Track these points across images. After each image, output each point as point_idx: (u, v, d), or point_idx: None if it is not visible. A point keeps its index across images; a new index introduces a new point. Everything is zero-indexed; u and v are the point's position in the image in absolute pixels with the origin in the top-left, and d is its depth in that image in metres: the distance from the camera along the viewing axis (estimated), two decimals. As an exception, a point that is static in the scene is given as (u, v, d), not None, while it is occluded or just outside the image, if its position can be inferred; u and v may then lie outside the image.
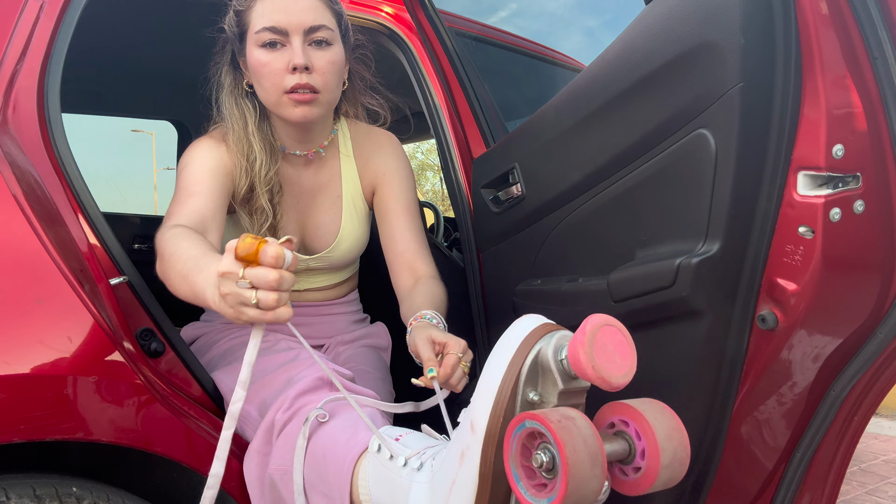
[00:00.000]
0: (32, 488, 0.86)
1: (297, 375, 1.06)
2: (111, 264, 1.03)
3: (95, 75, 2.21)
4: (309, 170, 1.30)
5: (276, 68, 1.11)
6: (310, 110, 1.14)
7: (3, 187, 0.89)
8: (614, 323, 0.69)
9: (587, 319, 0.68)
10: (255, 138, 1.19)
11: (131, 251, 2.87)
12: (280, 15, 1.10)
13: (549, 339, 0.72)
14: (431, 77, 1.57)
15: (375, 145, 1.34)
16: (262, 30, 1.10)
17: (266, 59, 1.11)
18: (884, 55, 0.80)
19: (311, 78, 1.12)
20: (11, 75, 1.02)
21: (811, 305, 0.85)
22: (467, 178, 1.50)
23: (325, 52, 1.13)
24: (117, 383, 0.91)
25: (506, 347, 0.72)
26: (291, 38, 1.11)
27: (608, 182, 1.07)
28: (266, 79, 1.12)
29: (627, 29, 1.02)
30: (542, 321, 0.74)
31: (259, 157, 1.18)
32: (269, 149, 1.20)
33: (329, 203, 1.31)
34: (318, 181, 1.31)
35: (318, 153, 1.29)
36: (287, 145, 1.25)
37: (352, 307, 1.46)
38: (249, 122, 1.20)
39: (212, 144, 1.20)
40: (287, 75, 1.11)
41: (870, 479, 2.37)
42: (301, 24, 1.11)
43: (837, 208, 0.82)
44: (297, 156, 1.27)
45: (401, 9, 1.65)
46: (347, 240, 1.32)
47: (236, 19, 1.16)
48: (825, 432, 0.94)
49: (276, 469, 0.96)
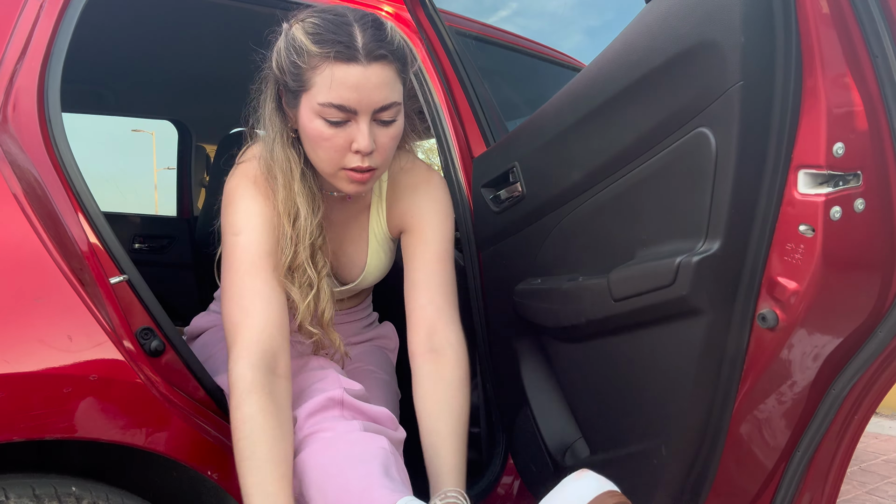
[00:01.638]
0: (32, 488, 0.86)
1: (308, 389, 1.05)
2: (111, 263, 1.03)
3: (95, 75, 2.21)
4: (341, 203, 1.23)
5: (337, 144, 1.02)
6: (365, 186, 1.08)
7: (3, 186, 0.89)
8: None
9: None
10: (301, 196, 1.08)
11: (131, 250, 2.87)
12: (351, 93, 0.97)
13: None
14: (431, 76, 1.57)
15: (410, 184, 1.22)
16: (329, 105, 0.98)
17: (328, 135, 1.01)
18: (884, 53, 0.80)
19: (371, 159, 1.03)
20: (11, 74, 1.02)
21: (811, 304, 0.85)
22: (467, 177, 1.50)
23: (389, 129, 1.04)
24: (117, 382, 0.91)
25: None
26: (359, 118, 1.00)
27: (608, 181, 1.07)
28: (325, 152, 1.03)
29: (627, 28, 1.02)
30: (607, 488, 0.70)
31: (302, 213, 1.08)
32: (312, 199, 1.11)
33: (356, 235, 1.25)
34: (348, 213, 1.24)
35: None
36: (327, 188, 1.18)
37: (364, 312, 1.46)
38: (296, 176, 1.08)
39: (260, 202, 1.09)
40: (348, 154, 1.02)
41: (870, 479, 2.37)
42: (371, 104, 0.99)
43: (838, 207, 0.82)
44: (334, 196, 1.20)
45: (401, 8, 1.65)
46: (374, 273, 1.28)
47: (293, 72, 1.01)
48: (825, 431, 0.94)
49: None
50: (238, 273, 1.04)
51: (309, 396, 1.03)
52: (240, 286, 1.03)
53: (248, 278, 1.03)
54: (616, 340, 1.09)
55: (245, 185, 1.10)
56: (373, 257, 1.25)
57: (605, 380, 1.15)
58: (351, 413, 1.02)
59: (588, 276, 1.12)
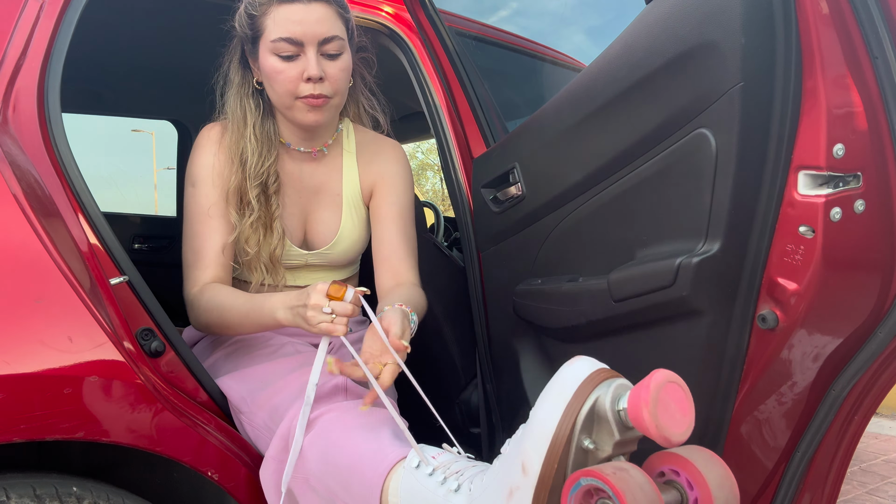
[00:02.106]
0: (33, 488, 0.86)
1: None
2: (111, 264, 1.03)
3: (95, 75, 2.21)
4: (311, 165, 1.32)
5: (290, 76, 1.15)
6: (321, 114, 1.19)
7: (4, 187, 0.89)
8: (677, 380, 0.68)
9: (651, 376, 0.67)
10: (253, 137, 1.23)
11: (131, 251, 2.87)
12: (295, 26, 1.13)
13: (607, 388, 0.71)
14: (431, 77, 1.57)
15: (379, 150, 1.37)
16: (278, 40, 1.14)
17: (281, 67, 1.15)
18: (884, 54, 0.80)
19: (323, 87, 1.16)
20: (11, 75, 1.02)
21: (811, 305, 0.85)
22: (467, 177, 1.50)
23: (336, 62, 1.18)
24: (117, 383, 0.91)
25: (561, 390, 0.72)
26: (306, 49, 1.15)
27: (608, 181, 1.07)
28: (280, 85, 1.17)
29: (628, 28, 1.02)
30: (599, 366, 0.73)
31: (251, 157, 1.23)
32: (267, 145, 1.25)
33: (329, 200, 1.32)
34: (320, 178, 1.33)
35: (322, 151, 1.31)
36: (292, 142, 1.29)
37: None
38: (249, 122, 1.24)
39: (209, 153, 1.26)
40: (301, 83, 1.16)
41: (870, 479, 2.37)
42: (315, 35, 1.14)
43: (838, 208, 0.82)
44: (301, 152, 1.30)
45: (401, 8, 1.65)
46: (347, 239, 1.32)
47: (249, 22, 1.18)
48: (825, 432, 0.94)
49: (294, 477, 0.96)
50: (191, 221, 1.24)
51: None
52: (192, 231, 1.23)
53: (198, 226, 1.23)
54: (616, 341, 1.09)
55: (205, 137, 1.27)
56: (346, 220, 1.32)
57: (606, 380, 1.15)
58: (356, 398, 1.04)
59: (588, 277, 1.12)
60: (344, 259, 1.35)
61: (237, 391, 1.11)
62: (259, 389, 1.09)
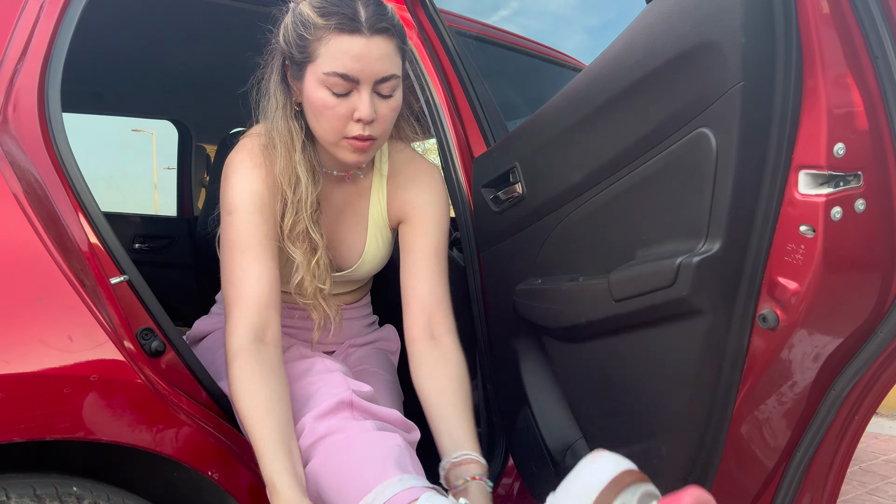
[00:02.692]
0: (33, 488, 0.86)
1: (316, 393, 1.05)
2: (111, 264, 1.03)
3: (95, 75, 2.21)
4: (340, 187, 1.25)
5: (340, 114, 1.06)
6: (365, 156, 1.11)
7: (4, 186, 0.89)
8: (708, 501, 0.65)
9: (683, 494, 0.64)
10: (301, 166, 1.13)
11: (131, 251, 2.87)
12: (354, 63, 1.03)
13: (633, 496, 0.68)
14: (432, 76, 1.57)
15: (414, 175, 1.26)
16: (333, 74, 1.03)
17: (332, 104, 1.06)
18: (885, 54, 0.80)
19: (372, 129, 1.08)
20: (12, 75, 1.02)
21: (812, 304, 0.85)
22: (467, 177, 1.50)
23: (389, 101, 1.09)
24: (118, 383, 0.91)
25: (583, 493, 0.68)
26: (361, 88, 1.05)
27: (609, 181, 1.07)
28: (328, 121, 1.08)
29: (628, 28, 1.02)
30: (624, 467, 0.70)
31: (302, 183, 1.13)
32: (312, 172, 1.16)
33: (354, 221, 1.27)
34: (347, 197, 1.26)
35: (356, 174, 1.24)
36: (326, 166, 1.21)
37: (364, 311, 1.45)
38: (297, 147, 1.13)
39: (253, 179, 1.13)
40: (350, 123, 1.07)
41: (870, 479, 2.37)
42: (373, 75, 1.04)
43: (838, 207, 0.82)
44: (334, 175, 1.23)
45: (401, 8, 1.65)
46: (370, 262, 1.29)
47: (299, 43, 1.06)
48: (826, 432, 0.94)
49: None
50: (231, 252, 1.10)
51: (317, 401, 1.03)
52: (233, 265, 1.10)
53: (238, 257, 1.09)
54: (616, 341, 1.09)
55: (242, 158, 1.14)
56: (371, 244, 1.27)
57: (606, 380, 1.15)
58: (361, 414, 1.02)
59: (588, 277, 1.12)
60: (366, 277, 1.33)
61: None
62: None
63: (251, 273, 1.08)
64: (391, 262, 1.35)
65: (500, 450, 1.46)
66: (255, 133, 1.17)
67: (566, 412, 1.30)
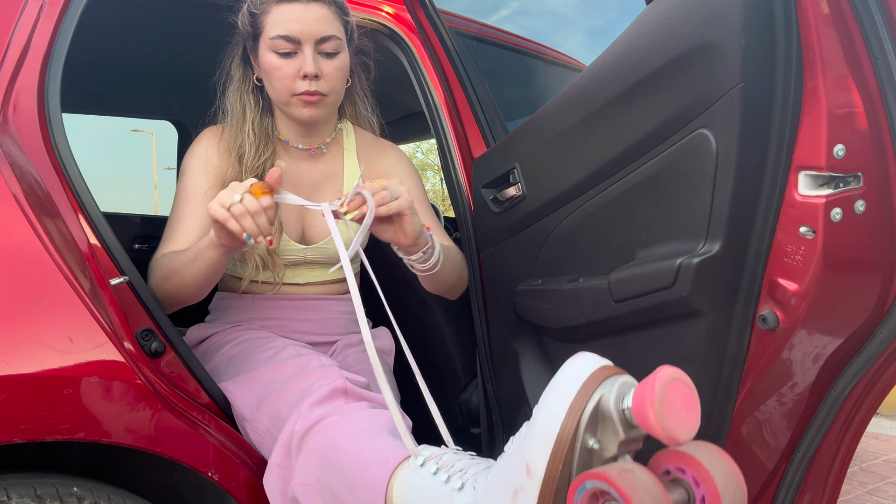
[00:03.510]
0: (33, 488, 0.86)
1: (311, 386, 1.05)
2: (111, 264, 1.03)
3: (95, 75, 2.21)
4: (311, 163, 1.34)
5: (287, 73, 1.19)
6: (316, 111, 1.23)
7: (4, 187, 0.89)
8: (682, 377, 0.66)
9: (656, 373, 0.65)
10: (251, 132, 1.25)
11: (131, 251, 2.86)
12: (294, 24, 1.17)
13: (611, 386, 0.69)
14: (432, 77, 1.57)
15: (381, 151, 1.40)
16: (277, 37, 1.18)
17: (279, 64, 1.19)
18: (885, 54, 0.80)
19: (318, 84, 1.20)
20: (12, 75, 1.02)
21: (812, 305, 0.85)
22: (467, 177, 1.50)
23: (333, 61, 1.22)
24: (118, 383, 0.91)
25: (564, 388, 0.70)
26: (303, 47, 1.18)
27: (609, 182, 1.07)
28: (278, 81, 1.21)
29: (628, 29, 1.02)
30: (602, 363, 0.72)
31: (248, 151, 1.24)
32: (264, 140, 1.27)
33: (330, 196, 1.34)
34: (319, 175, 1.35)
35: (320, 149, 1.34)
36: (290, 139, 1.32)
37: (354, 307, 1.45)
38: (248, 117, 1.27)
39: (206, 146, 1.27)
40: (297, 80, 1.20)
41: (870, 479, 2.37)
42: (312, 34, 1.18)
43: (838, 208, 0.82)
44: (299, 149, 1.33)
45: (401, 8, 1.65)
46: (346, 233, 1.30)
47: (251, 20, 1.22)
48: (826, 432, 0.94)
49: (298, 483, 0.96)
50: (175, 205, 1.25)
51: (313, 390, 1.03)
52: (174, 213, 1.24)
53: (180, 207, 1.23)
54: (616, 341, 1.09)
55: (203, 135, 1.30)
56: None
57: (606, 380, 1.15)
58: (355, 400, 1.03)
59: (588, 277, 1.12)
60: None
61: (241, 398, 1.10)
62: (261, 396, 1.09)
63: (190, 219, 1.21)
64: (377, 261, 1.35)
65: (500, 450, 1.46)
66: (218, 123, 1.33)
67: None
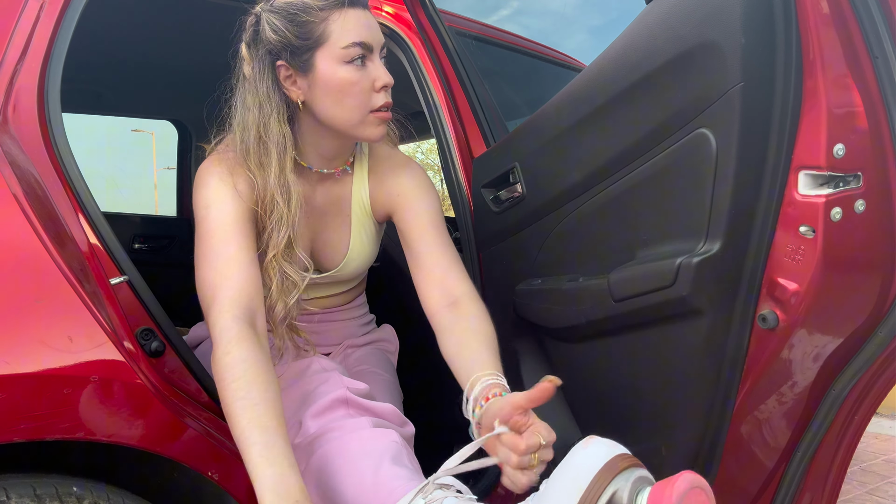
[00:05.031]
0: (33, 488, 0.86)
1: (312, 393, 1.04)
2: (111, 264, 1.03)
3: (95, 75, 2.21)
4: (322, 186, 1.22)
5: (364, 87, 1.06)
6: (387, 127, 1.14)
7: (4, 187, 0.89)
8: (703, 485, 0.64)
9: (677, 478, 0.63)
10: (293, 173, 1.09)
11: (131, 251, 2.87)
12: (365, 30, 1.05)
13: (626, 481, 0.67)
14: (432, 77, 1.57)
15: (392, 167, 1.24)
16: (353, 45, 1.03)
17: (356, 78, 1.05)
18: (884, 54, 0.80)
19: (388, 96, 1.09)
20: (12, 75, 1.01)
21: (812, 305, 0.85)
22: (467, 177, 1.50)
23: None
24: (118, 383, 0.91)
25: (576, 477, 0.67)
26: (374, 57, 1.07)
27: (609, 181, 1.07)
28: (354, 98, 1.06)
29: (628, 28, 1.02)
30: (617, 451, 0.69)
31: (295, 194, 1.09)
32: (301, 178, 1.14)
33: (339, 221, 1.24)
34: (329, 198, 1.23)
35: (345, 170, 1.22)
36: (314, 165, 1.18)
37: (359, 311, 1.44)
38: (290, 154, 1.09)
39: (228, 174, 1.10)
40: (374, 94, 1.07)
41: (870, 479, 2.37)
42: (379, 41, 1.08)
43: (838, 208, 0.82)
44: (317, 173, 1.20)
45: (401, 8, 1.65)
46: (356, 260, 1.27)
47: (302, 32, 1.04)
48: (826, 432, 0.94)
49: None
50: (212, 241, 1.05)
51: (313, 399, 1.03)
52: (215, 253, 1.03)
53: (222, 245, 1.04)
54: (616, 341, 1.09)
55: (218, 169, 1.11)
56: (355, 240, 1.24)
57: (606, 380, 1.15)
58: (357, 411, 1.02)
59: (588, 277, 1.12)
60: (353, 277, 1.31)
61: None
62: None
63: (236, 259, 1.02)
64: (390, 261, 1.35)
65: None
66: (228, 148, 1.14)
67: (566, 412, 1.30)
